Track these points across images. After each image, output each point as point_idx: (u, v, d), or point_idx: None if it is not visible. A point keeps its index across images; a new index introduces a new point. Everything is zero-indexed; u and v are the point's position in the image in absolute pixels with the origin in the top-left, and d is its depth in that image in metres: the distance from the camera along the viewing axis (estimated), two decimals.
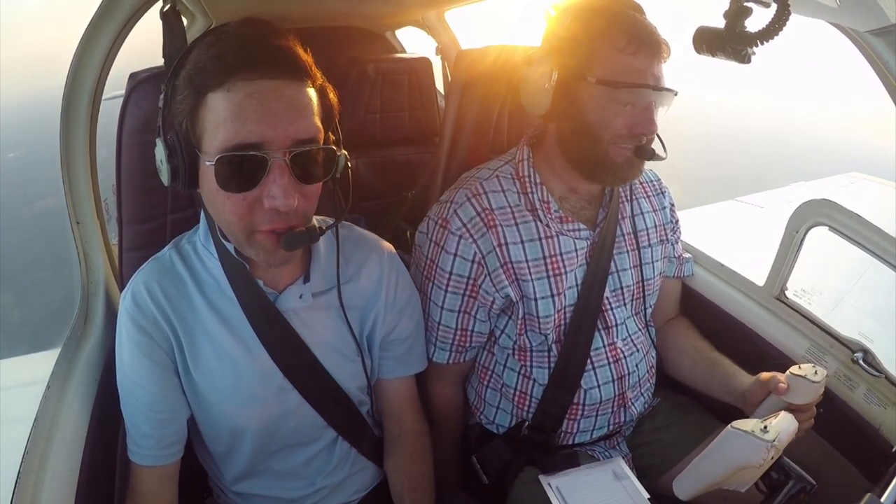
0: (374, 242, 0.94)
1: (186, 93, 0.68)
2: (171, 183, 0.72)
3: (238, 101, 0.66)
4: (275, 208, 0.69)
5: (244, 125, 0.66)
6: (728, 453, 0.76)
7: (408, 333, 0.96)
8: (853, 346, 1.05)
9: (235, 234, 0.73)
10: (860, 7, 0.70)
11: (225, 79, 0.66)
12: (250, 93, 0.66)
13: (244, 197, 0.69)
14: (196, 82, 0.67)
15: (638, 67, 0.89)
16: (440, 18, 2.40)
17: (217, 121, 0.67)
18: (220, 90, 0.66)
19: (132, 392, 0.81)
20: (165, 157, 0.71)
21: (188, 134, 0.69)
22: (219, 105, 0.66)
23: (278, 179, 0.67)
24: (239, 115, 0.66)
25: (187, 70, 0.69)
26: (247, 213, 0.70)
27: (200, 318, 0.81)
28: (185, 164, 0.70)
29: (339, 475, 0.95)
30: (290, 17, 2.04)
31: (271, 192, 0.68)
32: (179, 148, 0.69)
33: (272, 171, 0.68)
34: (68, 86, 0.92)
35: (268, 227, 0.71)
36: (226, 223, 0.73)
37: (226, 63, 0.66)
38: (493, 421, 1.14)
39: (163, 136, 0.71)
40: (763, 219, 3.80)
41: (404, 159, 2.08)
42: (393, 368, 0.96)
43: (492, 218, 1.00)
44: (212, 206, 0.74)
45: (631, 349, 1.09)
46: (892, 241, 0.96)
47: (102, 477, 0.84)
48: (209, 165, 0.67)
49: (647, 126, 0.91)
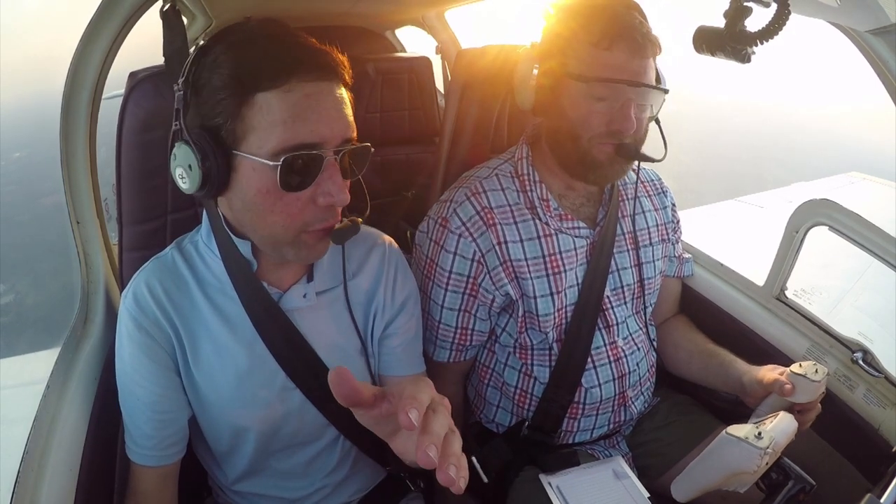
0: (375, 237, 0.94)
1: (229, 92, 0.67)
2: (199, 188, 0.70)
3: (296, 101, 0.66)
4: (331, 204, 0.71)
5: (305, 125, 0.67)
6: (722, 459, 0.76)
7: (406, 330, 0.94)
8: (853, 346, 1.05)
9: (281, 235, 0.73)
10: (860, 7, 0.69)
11: (283, 79, 0.66)
12: (308, 94, 0.67)
13: (298, 196, 0.70)
14: (246, 81, 0.66)
15: (612, 63, 0.88)
16: (440, 17, 2.40)
17: (272, 121, 0.66)
18: (275, 90, 0.66)
19: (133, 392, 0.80)
20: (197, 161, 0.68)
21: (227, 134, 0.68)
22: (273, 105, 0.66)
23: (333, 176, 0.70)
24: (300, 115, 0.67)
25: (230, 69, 0.67)
26: (300, 212, 0.71)
27: (202, 318, 0.81)
28: (219, 167, 0.68)
29: (340, 474, 0.95)
30: (289, 15, 2.04)
31: (328, 189, 0.70)
32: (213, 150, 0.68)
33: (327, 169, 0.69)
34: (68, 85, 0.92)
35: (321, 225, 0.73)
36: (270, 225, 0.72)
37: (282, 63, 0.66)
38: (493, 420, 1.14)
39: (189, 139, 0.68)
40: (764, 219, 3.81)
41: (404, 159, 2.08)
42: (391, 365, 0.94)
43: (491, 216, 1.00)
44: (251, 210, 0.72)
45: (632, 348, 1.09)
46: (892, 241, 0.96)
47: (102, 477, 0.84)
48: (271, 166, 0.67)
49: (623, 122, 0.90)
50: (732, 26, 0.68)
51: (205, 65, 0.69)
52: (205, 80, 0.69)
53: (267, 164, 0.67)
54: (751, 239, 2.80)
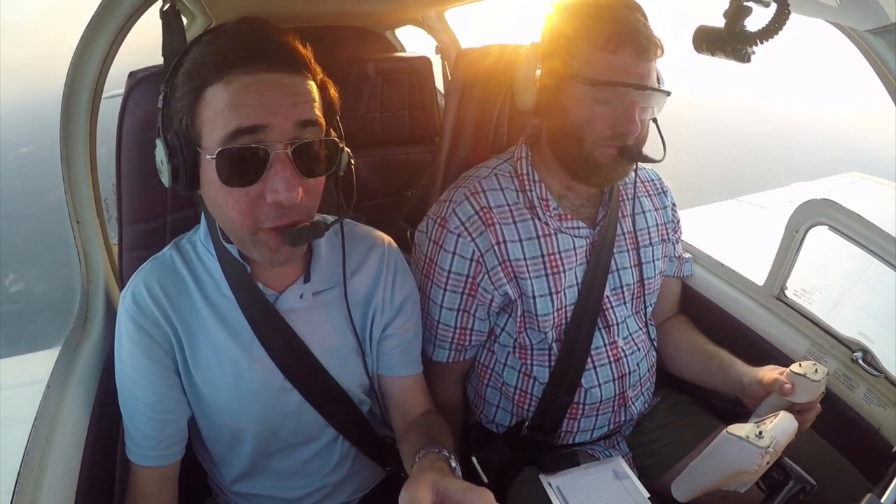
0: (374, 237, 0.93)
1: (185, 90, 0.68)
2: (171, 184, 0.71)
3: (236, 90, 0.65)
4: (278, 202, 0.68)
5: (242, 110, 0.65)
6: (723, 459, 0.76)
7: (405, 330, 0.93)
8: (853, 345, 1.05)
9: (239, 233, 0.72)
10: (860, 7, 0.69)
11: (224, 72, 0.66)
12: (248, 83, 0.66)
13: (247, 192, 0.68)
14: (195, 78, 0.67)
15: (618, 66, 0.88)
16: (440, 17, 2.40)
17: (215, 112, 0.66)
18: (218, 84, 0.66)
19: (133, 392, 0.80)
20: (166, 158, 0.70)
21: (188, 132, 0.69)
22: (217, 97, 0.66)
23: (280, 172, 0.67)
24: (237, 103, 0.65)
25: (186, 67, 0.69)
26: (249, 209, 0.69)
27: (201, 318, 0.81)
28: (186, 164, 0.69)
29: (339, 474, 0.95)
30: (289, 15, 2.04)
31: (274, 186, 0.67)
32: (180, 147, 0.69)
33: (274, 165, 0.67)
34: (68, 84, 0.92)
35: (271, 223, 0.70)
36: (228, 221, 0.72)
37: (225, 58, 0.66)
38: (492, 420, 1.14)
39: (163, 136, 0.70)
40: (764, 218, 3.81)
41: (404, 159, 2.08)
42: (390, 365, 0.94)
43: (490, 216, 1.00)
44: (213, 205, 0.73)
45: (632, 348, 1.09)
46: (892, 241, 0.96)
47: (102, 477, 0.84)
48: (210, 159, 0.67)
49: (628, 126, 0.90)
50: (732, 26, 0.68)
51: (180, 64, 0.70)
52: (176, 79, 0.70)
53: (207, 157, 0.67)
54: (751, 239, 2.80)
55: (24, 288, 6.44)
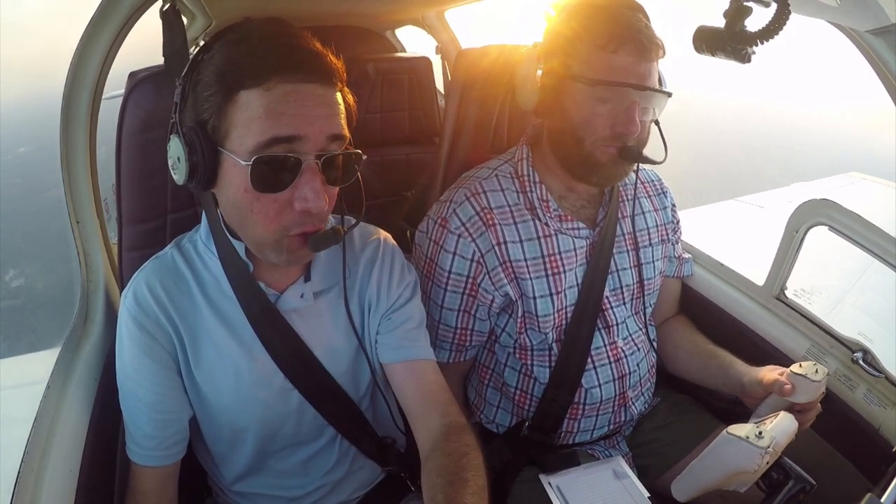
0: (371, 233, 0.94)
1: (216, 88, 0.67)
2: (186, 181, 0.71)
3: (275, 97, 0.66)
4: (307, 210, 0.69)
5: (281, 119, 0.66)
6: (722, 459, 0.76)
7: (407, 316, 0.90)
8: (853, 345, 1.05)
9: (262, 235, 0.72)
10: (860, 7, 0.69)
11: (264, 78, 0.66)
12: (288, 91, 0.66)
13: (275, 199, 0.69)
14: (230, 79, 0.67)
15: (619, 65, 0.88)
16: (440, 17, 2.40)
17: (250, 117, 0.66)
18: (256, 88, 0.66)
19: (134, 392, 0.80)
20: (185, 154, 0.69)
21: (213, 130, 0.69)
22: (253, 102, 0.66)
23: (311, 182, 0.68)
24: (276, 111, 0.66)
25: (218, 66, 0.68)
26: (277, 215, 0.70)
27: (202, 318, 0.81)
28: (206, 161, 0.69)
29: (339, 473, 0.95)
30: (289, 15, 2.02)
31: (303, 194, 0.68)
32: (200, 144, 0.68)
33: (305, 174, 0.68)
34: (68, 85, 0.92)
35: (298, 230, 0.71)
36: (251, 224, 0.72)
37: (265, 62, 0.66)
38: (493, 420, 1.14)
39: (180, 132, 0.70)
40: (764, 219, 3.81)
41: (404, 159, 2.08)
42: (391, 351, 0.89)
43: (490, 217, 1.00)
44: (233, 207, 0.72)
45: (632, 348, 1.09)
46: (892, 241, 0.96)
47: (102, 477, 0.84)
48: (244, 165, 0.67)
49: (628, 126, 0.90)
50: (732, 26, 0.68)
51: (203, 61, 0.69)
52: (200, 76, 0.69)
53: (241, 162, 0.67)
54: (751, 239, 2.80)
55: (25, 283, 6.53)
